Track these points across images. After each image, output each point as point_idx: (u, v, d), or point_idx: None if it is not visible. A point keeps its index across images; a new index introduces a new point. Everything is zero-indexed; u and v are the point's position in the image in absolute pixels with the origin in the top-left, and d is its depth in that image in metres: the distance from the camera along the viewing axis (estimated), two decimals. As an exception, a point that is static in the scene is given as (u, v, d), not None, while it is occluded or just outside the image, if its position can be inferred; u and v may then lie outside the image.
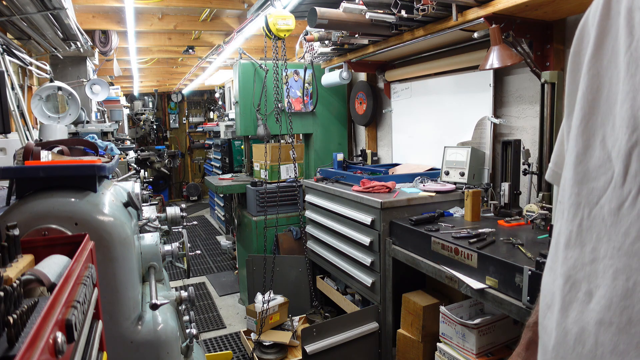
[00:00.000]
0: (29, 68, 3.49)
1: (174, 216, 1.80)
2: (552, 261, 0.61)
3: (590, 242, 0.53)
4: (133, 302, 1.18)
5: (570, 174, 0.57)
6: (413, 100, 3.22)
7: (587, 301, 0.52)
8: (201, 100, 10.64)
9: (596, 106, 0.55)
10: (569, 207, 0.57)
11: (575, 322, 0.53)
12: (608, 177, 0.52)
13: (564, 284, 0.56)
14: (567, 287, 0.56)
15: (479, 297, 1.63)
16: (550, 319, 0.59)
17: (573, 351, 0.53)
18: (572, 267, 0.55)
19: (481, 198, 2.23)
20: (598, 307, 0.50)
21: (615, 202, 0.50)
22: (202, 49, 5.15)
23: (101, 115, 5.25)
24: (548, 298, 0.60)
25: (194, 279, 4.82)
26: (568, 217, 0.57)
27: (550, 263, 0.62)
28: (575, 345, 0.53)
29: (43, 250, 0.77)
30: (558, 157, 0.70)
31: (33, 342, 0.43)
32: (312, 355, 2.16)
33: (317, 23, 2.30)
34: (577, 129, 0.57)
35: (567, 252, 0.57)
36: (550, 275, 0.61)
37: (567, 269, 0.56)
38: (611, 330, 0.48)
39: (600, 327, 0.49)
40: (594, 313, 0.51)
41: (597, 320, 0.50)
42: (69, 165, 1.17)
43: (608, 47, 0.54)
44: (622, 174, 0.49)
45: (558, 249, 0.59)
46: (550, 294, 0.60)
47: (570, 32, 2.07)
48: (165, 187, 9.45)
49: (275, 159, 3.65)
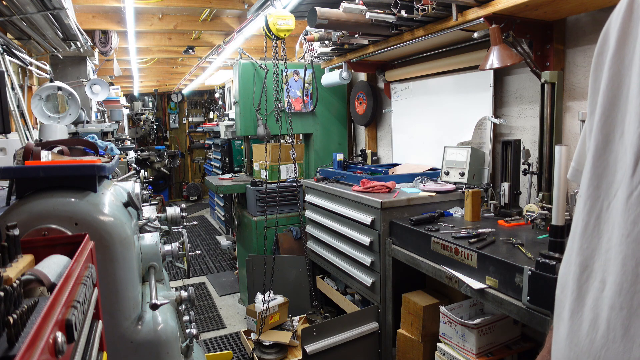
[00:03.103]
0: (29, 68, 3.49)
1: (174, 216, 1.80)
2: (568, 254, 0.62)
3: (607, 232, 0.55)
4: (133, 302, 1.18)
5: (589, 168, 0.59)
6: (413, 100, 3.22)
7: (602, 289, 0.54)
8: (201, 100, 10.64)
9: (616, 103, 0.56)
10: (587, 199, 0.58)
11: (591, 310, 0.55)
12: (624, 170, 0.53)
13: (580, 273, 0.58)
14: (583, 277, 0.57)
15: (479, 297, 1.63)
16: (566, 308, 0.60)
17: (587, 337, 0.54)
18: (589, 257, 0.57)
19: (481, 198, 2.23)
20: (610, 293, 0.52)
21: (626, 192, 0.52)
22: (202, 49, 5.15)
23: (101, 115, 5.25)
24: (564, 288, 0.62)
25: (194, 279, 4.82)
26: (585, 209, 0.58)
27: (567, 256, 0.63)
28: (589, 331, 0.54)
29: (43, 250, 0.77)
30: (580, 156, 0.71)
31: (33, 342, 0.43)
32: (312, 355, 2.16)
33: (317, 23, 2.30)
34: (597, 125, 0.58)
35: (583, 242, 0.58)
36: (566, 266, 0.62)
37: (583, 259, 0.58)
38: (622, 315, 0.50)
39: (612, 312, 0.51)
40: (607, 299, 0.52)
41: (609, 306, 0.51)
42: (69, 165, 1.17)
43: (629, 47, 0.56)
44: (632, 165, 0.51)
45: (574, 239, 0.60)
46: (566, 283, 0.61)
47: (570, 32, 2.07)
48: (165, 187, 9.44)
49: (275, 159, 3.65)
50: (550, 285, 1.34)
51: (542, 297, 1.39)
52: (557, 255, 1.37)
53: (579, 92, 2.06)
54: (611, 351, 0.50)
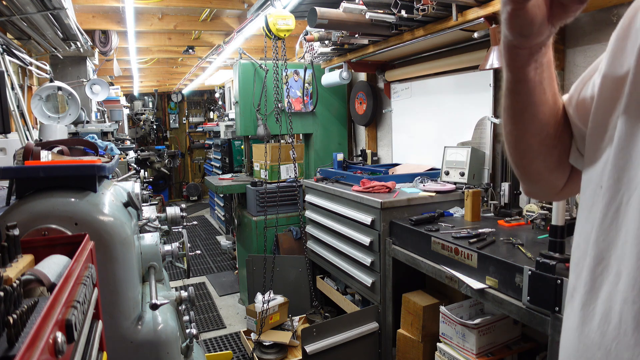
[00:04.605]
0: (29, 68, 3.49)
1: (174, 216, 1.80)
2: (584, 244, 0.62)
3: (625, 226, 0.54)
4: (133, 302, 1.18)
5: (611, 159, 0.57)
6: (413, 100, 3.22)
7: (617, 282, 0.53)
8: (201, 100, 10.64)
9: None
10: (606, 190, 0.57)
11: (604, 303, 0.54)
12: None
13: (595, 265, 0.57)
14: (599, 269, 0.56)
15: (479, 297, 1.63)
16: (577, 299, 0.60)
17: (598, 329, 0.54)
18: (605, 249, 0.56)
19: (481, 198, 2.23)
20: (624, 286, 0.51)
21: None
22: (202, 49, 5.15)
23: (101, 115, 5.25)
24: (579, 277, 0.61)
25: (194, 279, 4.82)
26: (604, 201, 0.57)
27: (583, 246, 0.62)
28: (601, 323, 0.54)
29: (43, 250, 0.77)
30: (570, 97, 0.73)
31: (33, 342, 0.43)
32: (312, 355, 2.16)
33: (317, 23, 2.30)
34: (622, 117, 0.57)
35: (600, 234, 0.57)
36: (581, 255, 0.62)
37: (599, 251, 0.57)
38: (635, 308, 0.49)
39: (625, 306, 0.51)
40: (620, 293, 0.52)
41: (622, 299, 0.51)
42: (69, 165, 1.17)
43: None
44: None
45: (591, 230, 0.60)
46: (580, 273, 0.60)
47: (570, 32, 2.07)
48: (165, 187, 9.44)
49: (275, 159, 3.65)
50: (550, 285, 1.34)
51: (542, 297, 1.39)
52: (557, 255, 1.37)
53: (579, 92, 2.06)
54: (622, 344, 0.50)
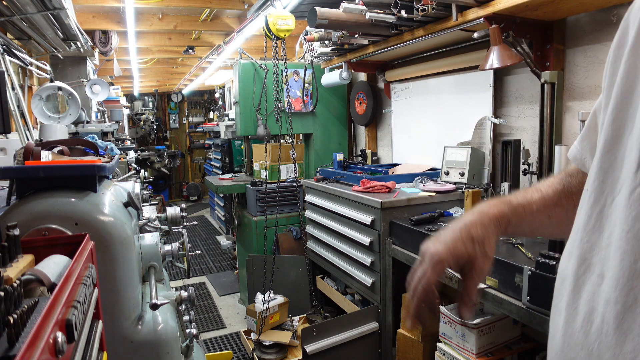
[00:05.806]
0: (29, 68, 3.49)
1: (174, 216, 1.80)
2: (570, 246, 0.62)
3: (609, 228, 0.54)
4: (133, 302, 1.18)
5: (597, 162, 0.58)
6: (413, 100, 3.22)
7: (600, 283, 0.54)
8: (201, 100, 10.64)
9: (629, 98, 0.55)
10: (591, 193, 0.58)
11: (587, 302, 0.55)
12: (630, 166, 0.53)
13: (579, 266, 0.58)
14: (581, 270, 0.57)
15: (479, 297, 1.63)
16: (563, 299, 0.60)
17: (581, 329, 0.55)
18: (588, 250, 0.57)
19: (481, 198, 2.23)
20: (606, 287, 0.52)
21: (629, 187, 0.51)
22: (202, 49, 5.15)
23: (101, 115, 5.25)
24: (564, 281, 0.62)
25: (194, 279, 4.82)
26: (589, 203, 0.58)
27: (569, 248, 0.63)
28: (584, 324, 0.54)
29: (43, 250, 0.77)
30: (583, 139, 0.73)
31: (33, 342, 0.43)
32: (312, 355, 2.16)
33: (317, 23, 2.30)
34: (609, 118, 0.57)
35: (584, 235, 0.58)
36: (567, 259, 0.62)
37: (582, 252, 0.57)
38: (617, 309, 0.50)
39: (607, 306, 0.51)
40: (603, 293, 0.52)
41: (605, 300, 0.52)
42: (69, 165, 1.17)
43: None
44: (637, 160, 0.51)
45: (576, 232, 0.60)
46: (565, 276, 0.61)
47: (570, 32, 2.07)
48: (165, 187, 9.44)
49: (275, 159, 3.65)
50: (550, 285, 1.34)
51: (542, 297, 1.39)
52: (557, 255, 1.37)
53: (579, 92, 2.06)
54: (604, 344, 0.51)
